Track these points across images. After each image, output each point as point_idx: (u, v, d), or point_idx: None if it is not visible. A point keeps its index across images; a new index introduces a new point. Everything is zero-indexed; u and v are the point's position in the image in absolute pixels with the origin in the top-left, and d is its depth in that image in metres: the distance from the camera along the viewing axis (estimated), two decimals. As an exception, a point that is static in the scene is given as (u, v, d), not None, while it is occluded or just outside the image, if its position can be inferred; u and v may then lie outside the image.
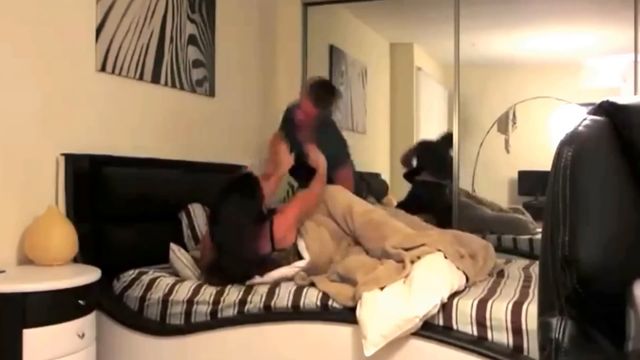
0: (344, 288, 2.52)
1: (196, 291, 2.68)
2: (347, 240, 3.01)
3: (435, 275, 2.44)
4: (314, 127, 3.51)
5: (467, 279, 2.58)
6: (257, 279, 2.67)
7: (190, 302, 2.65)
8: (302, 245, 2.84)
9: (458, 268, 2.57)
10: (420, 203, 4.64)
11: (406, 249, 2.67)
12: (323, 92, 3.53)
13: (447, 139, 4.57)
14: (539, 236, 3.59)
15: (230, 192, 2.76)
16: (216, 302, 2.62)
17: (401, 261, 2.61)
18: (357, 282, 2.48)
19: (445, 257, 2.60)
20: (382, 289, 2.43)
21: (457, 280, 2.49)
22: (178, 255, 2.87)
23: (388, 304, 2.32)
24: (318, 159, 3.25)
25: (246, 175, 2.99)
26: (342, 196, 3.11)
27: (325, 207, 3.07)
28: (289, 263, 2.75)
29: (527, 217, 4.66)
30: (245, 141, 3.52)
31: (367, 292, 2.39)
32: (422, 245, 2.67)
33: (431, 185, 4.83)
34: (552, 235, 0.99)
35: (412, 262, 2.56)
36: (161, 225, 3.11)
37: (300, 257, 2.81)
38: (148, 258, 2.92)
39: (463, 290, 2.51)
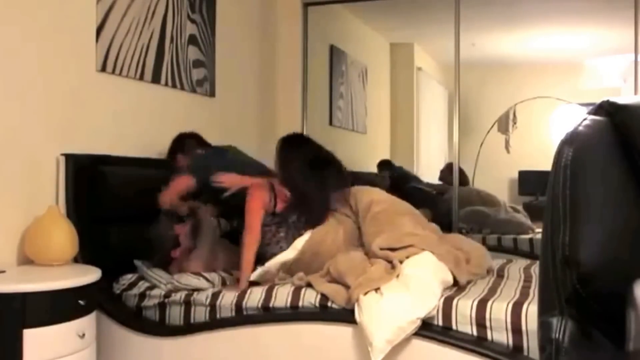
0: (341, 289, 2.51)
1: (195, 293, 2.68)
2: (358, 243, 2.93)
3: (425, 273, 2.46)
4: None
5: (455, 281, 2.58)
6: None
7: (187, 303, 2.65)
8: (304, 236, 2.81)
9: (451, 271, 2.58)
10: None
11: (393, 249, 2.65)
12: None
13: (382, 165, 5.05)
14: (539, 236, 3.59)
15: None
16: (214, 303, 2.62)
17: (390, 262, 2.59)
18: (348, 284, 2.46)
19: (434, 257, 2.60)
20: (377, 290, 2.42)
21: (445, 277, 2.52)
22: (145, 270, 2.81)
23: (389, 307, 2.31)
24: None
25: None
26: (365, 196, 2.99)
27: (349, 206, 2.97)
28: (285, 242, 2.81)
29: (526, 218, 4.68)
30: (245, 141, 3.51)
31: (363, 294, 2.39)
32: (410, 246, 2.65)
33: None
34: (552, 235, 0.99)
35: (401, 262, 2.56)
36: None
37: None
38: (148, 258, 2.91)
39: (461, 290, 2.51)
